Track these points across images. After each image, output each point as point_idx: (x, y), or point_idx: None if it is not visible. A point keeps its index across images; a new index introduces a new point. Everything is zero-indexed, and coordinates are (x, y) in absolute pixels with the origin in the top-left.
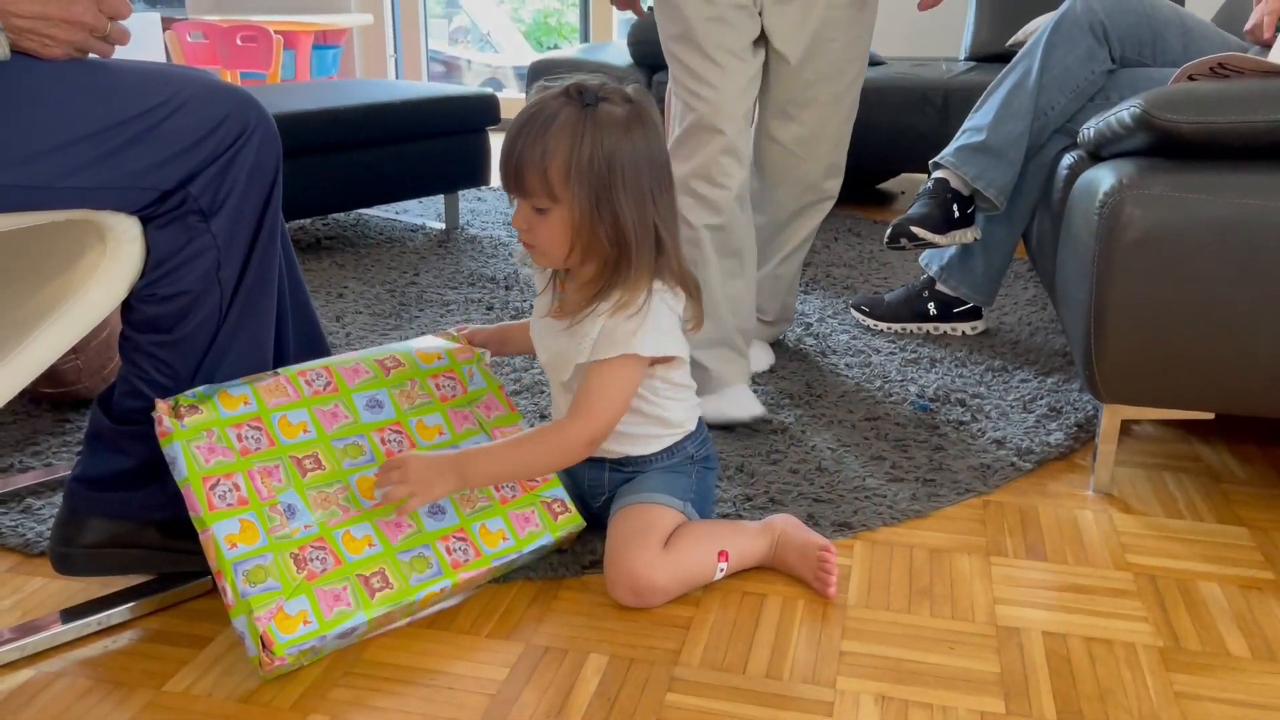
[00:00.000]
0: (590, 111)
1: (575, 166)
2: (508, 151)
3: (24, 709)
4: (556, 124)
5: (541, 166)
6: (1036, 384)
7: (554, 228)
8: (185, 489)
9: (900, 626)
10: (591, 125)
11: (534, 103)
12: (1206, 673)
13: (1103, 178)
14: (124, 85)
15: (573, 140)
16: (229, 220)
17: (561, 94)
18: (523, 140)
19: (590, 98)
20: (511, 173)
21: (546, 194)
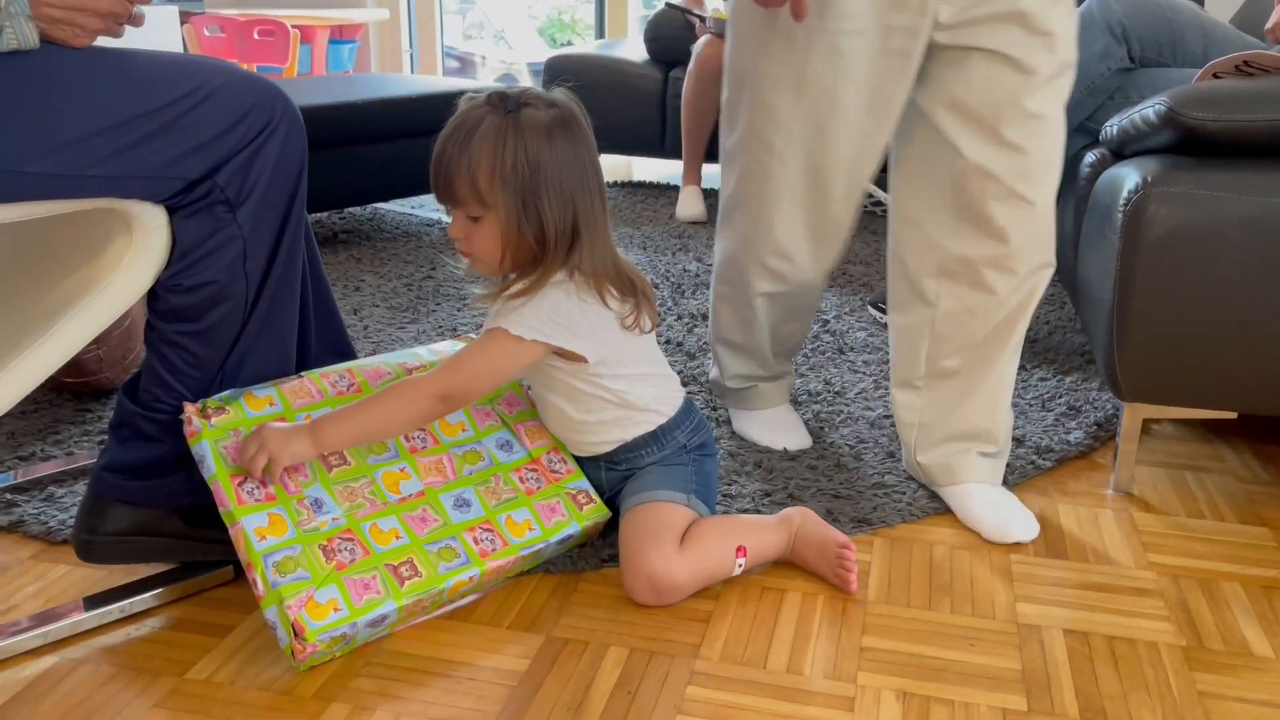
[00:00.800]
0: (513, 118)
1: (500, 172)
2: (436, 162)
3: (47, 695)
4: (480, 132)
5: (470, 175)
6: (1055, 382)
7: (487, 235)
8: (214, 485)
9: (921, 623)
10: (514, 131)
11: (459, 114)
12: (1230, 672)
13: (1127, 175)
14: (152, 75)
15: (496, 147)
16: (255, 210)
17: (484, 103)
18: (450, 150)
19: (512, 105)
20: (441, 183)
21: (477, 201)
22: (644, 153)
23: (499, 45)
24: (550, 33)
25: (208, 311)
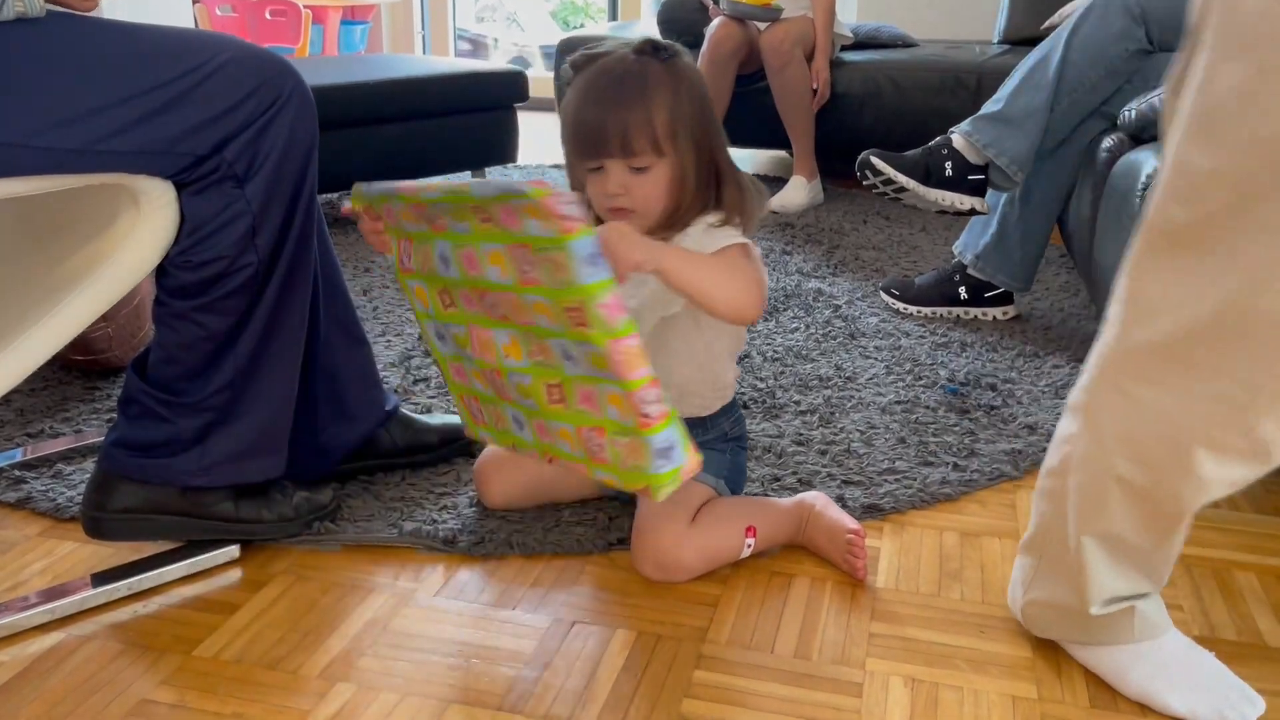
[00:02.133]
0: (672, 64)
1: (679, 118)
2: (601, 117)
3: (54, 671)
4: (651, 82)
5: (649, 124)
6: (1069, 370)
7: (656, 184)
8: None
9: (930, 609)
10: (679, 76)
11: (607, 67)
12: (1243, 662)
13: (1145, 161)
14: (159, 49)
15: (671, 94)
16: (264, 186)
17: (636, 53)
18: (622, 102)
19: (666, 53)
20: (615, 136)
21: (653, 150)
22: None
23: (511, 27)
24: (563, 15)
25: (216, 287)
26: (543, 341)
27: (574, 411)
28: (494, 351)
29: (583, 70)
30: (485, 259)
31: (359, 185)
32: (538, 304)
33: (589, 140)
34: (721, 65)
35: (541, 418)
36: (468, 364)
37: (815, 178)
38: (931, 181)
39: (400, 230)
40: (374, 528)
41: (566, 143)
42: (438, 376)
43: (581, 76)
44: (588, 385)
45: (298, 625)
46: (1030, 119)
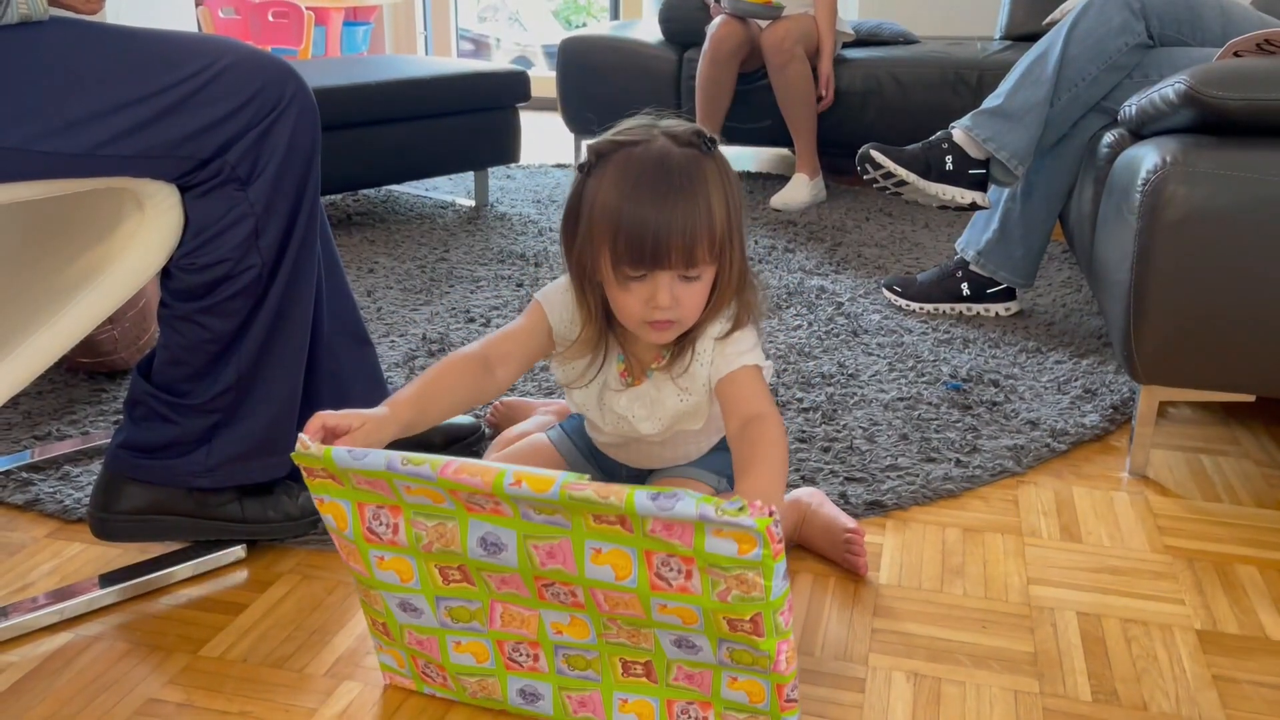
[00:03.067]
0: (717, 156)
1: (732, 220)
2: (663, 224)
3: (63, 671)
4: (704, 180)
5: (710, 231)
6: (1071, 365)
7: (701, 292)
8: None
9: (933, 605)
10: (725, 171)
11: (655, 160)
12: (1245, 656)
13: (1146, 155)
14: (162, 53)
15: (724, 193)
16: (267, 188)
17: (678, 143)
18: (682, 207)
19: (707, 144)
20: (679, 248)
21: (712, 258)
22: None
23: (513, 27)
24: (565, 15)
25: (220, 290)
26: (641, 630)
27: (666, 688)
28: (534, 627)
29: (611, 159)
30: (588, 556)
31: (339, 452)
32: (673, 609)
33: (647, 248)
34: (723, 64)
35: (595, 689)
36: (452, 634)
37: (817, 175)
38: (932, 176)
39: (371, 495)
40: None
41: (607, 244)
42: None
43: (617, 169)
44: (698, 670)
45: (304, 624)
46: (1030, 113)
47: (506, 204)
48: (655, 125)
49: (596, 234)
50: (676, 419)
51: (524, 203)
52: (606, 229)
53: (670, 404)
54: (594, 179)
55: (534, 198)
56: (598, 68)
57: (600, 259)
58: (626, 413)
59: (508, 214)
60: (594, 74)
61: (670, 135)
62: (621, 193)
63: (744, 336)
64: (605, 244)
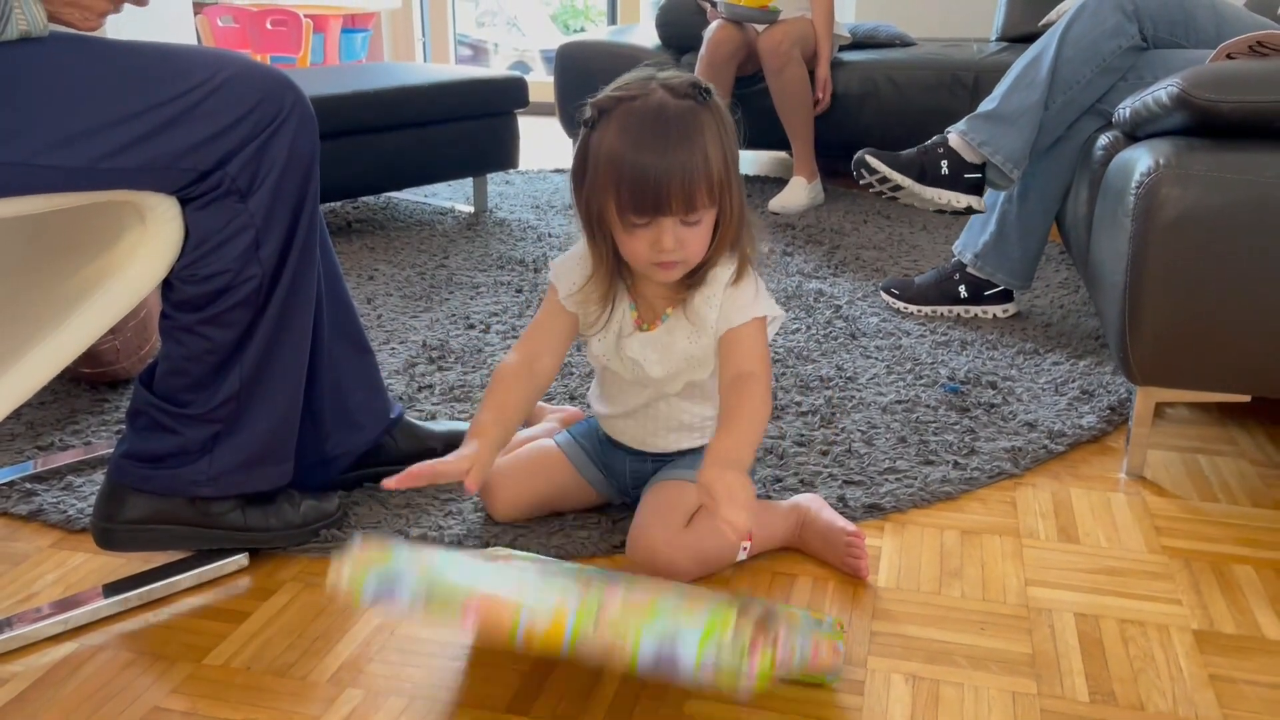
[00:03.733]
0: (714, 104)
1: (729, 166)
2: (663, 171)
3: (68, 681)
4: (701, 129)
5: (708, 176)
6: (1069, 367)
7: (706, 234)
8: None
9: (931, 608)
10: (721, 118)
11: (654, 111)
12: (1241, 655)
13: (1139, 157)
14: (161, 67)
15: (719, 141)
16: (267, 199)
17: (677, 95)
18: (680, 154)
19: (706, 93)
20: (679, 194)
21: (711, 202)
22: None
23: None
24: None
25: (221, 300)
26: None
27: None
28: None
29: (613, 113)
30: None
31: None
32: None
33: (649, 197)
34: (720, 68)
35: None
36: None
37: (815, 178)
38: (927, 180)
39: None
40: (381, 534)
41: (611, 194)
42: (441, 383)
43: (619, 123)
44: None
45: (306, 632)
46: (1024, 117)
47: (506, 210)
48: (653, 78)
49: (602, 185)
50: (686, 362)
51: (523, 208)
52: (611, 181)
53: (680, 347)
54: (597, 133)
55: (533, 203)
56: (595, 73)
57: (607, 208)
58: (639, 356)
59: (507, 220)
60: (592, 79)
61: (667, 87)
62: (623, 146)
63: (747, 285)
64: (610, 195)
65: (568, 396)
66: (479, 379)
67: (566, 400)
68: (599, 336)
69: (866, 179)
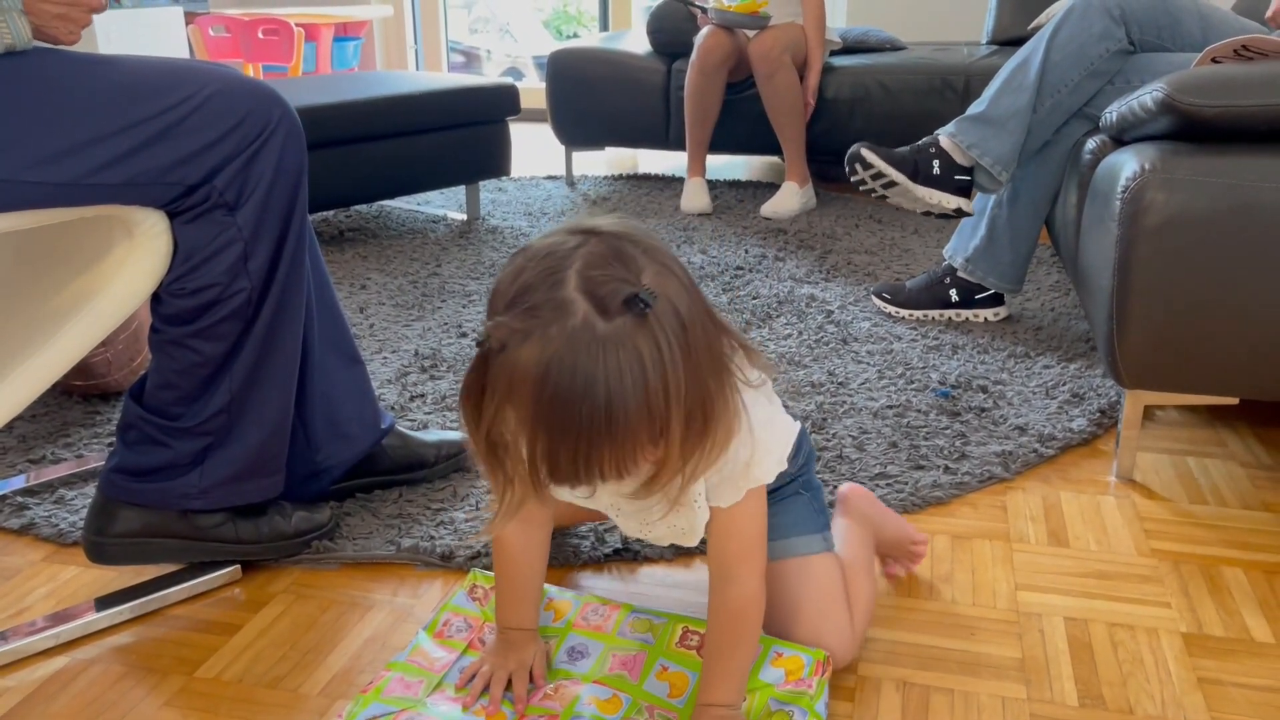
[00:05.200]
0: (650, 316)
1: (674, 400)
2: (593, 429)
3: (59, 695)
4: (642, 364)
5: (649, 425)
6: (1059, 370)
7: (643, 470)
8: None
9: (921, 613)
10: (664, 334)
11: (576, 334)
12: (1230, 658)
13: (1125, 162)
14: (147, 82)
15: (664, 372)
16: (255, 213)
17: (605, 314)
18: (612, 405)
19: (639, 305)
20: (615, 455)
21: (653, 447)
22: (648, 145)
23: (504, 39)
24: (556, 25)
25: (210, 313)
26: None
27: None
28: (566, 700)
29: (524, 346)
30: (654, 671)
31: None
32: None
33: (570, 473)
34: (711, 74)
35: None
36: None
37: (807, 183)
38: (920, 179)
39: None
40: (372, 545)
41: (524, 455)
42: (434, 393)
43: (533, 361)
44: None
45: (298, 644)
46: (1013, 120)
47: (498, 217)
48: (572, 268)
49: (515, 427)
50: (669, 531)
51: (515, 215)
52: (526, 434)
53: (657, 515)
54: (499, 365)
55: (525, 210)
56: (588, 80)
57: (527, 451)
58: (610, 509)
59: (499, 227)
60: (584, 86)
61: (594, 299)
62: (536, 401)
63: (741, 448)
64: (528, 445)
65: None
66: None
67: None
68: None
69: (860, 174)
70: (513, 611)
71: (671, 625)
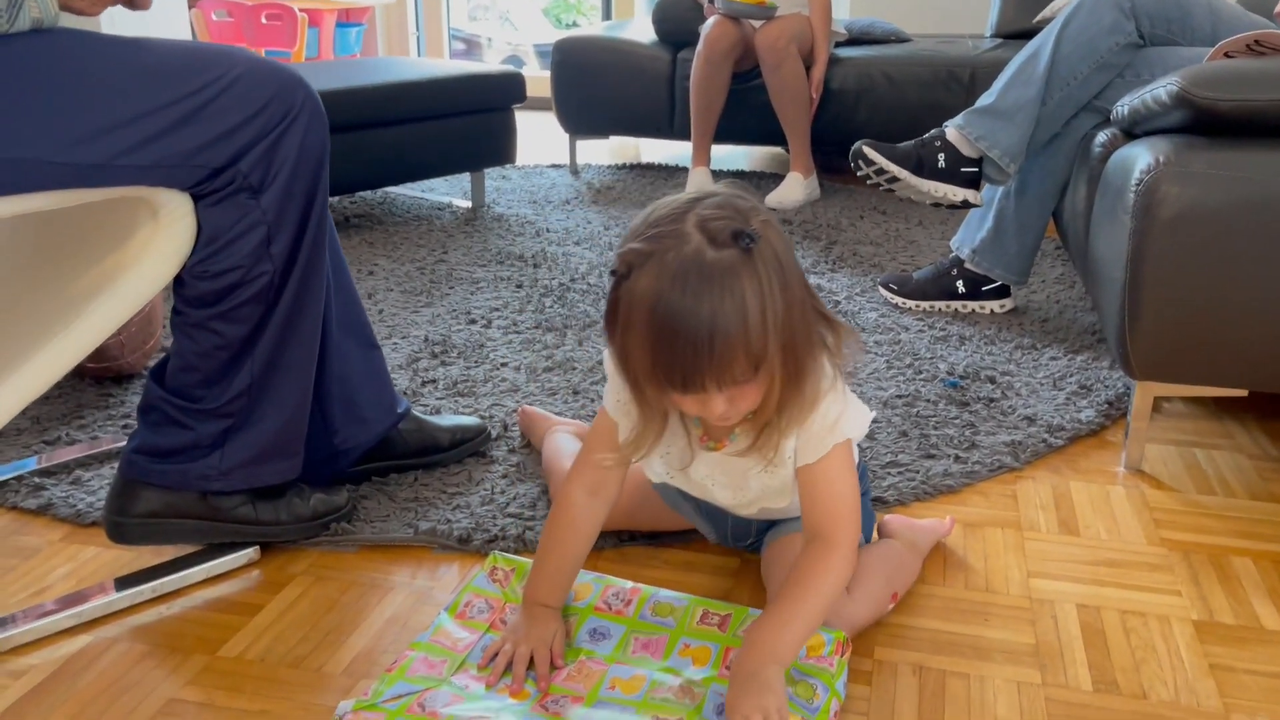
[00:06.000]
0: (754, 253)
1: (775, 326)
2: (692, 353)
3: (83, 673)
4: (739, 288)
5: (746, 345)
6: (1066, 361)
7: (752, 396)
8: None
9: (935, 599)
10: (766, 269)
11: (686, 268)
12: (1241, 645)
13: (1139, 155)
14: (174, 64)
15: (763, 301)
16: (279, 197)
17: (714, 243)
18: (714, 331)
19: (745, 240)
20: (711, 379)
21: (752, 369)
22: (652, 134)
23: (505, 27)
24: (555, 13)
25: (233, 296)
26: (694, 690)
27: None
28: (592, 683)
29: (644, 270)
30: (677, 650)
31: None
32: None
33: (678, 375)
34: (717, 64)
35: None
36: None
37: (812, 174)
38: (924, 173)
39: None
40: (390, 528)
41: (645, 365)
42: (445, 378)
43: (647, 283)
44: None
45: (319, 624)
46: (1021, 112)
47: (504, 205)
48: (692, 211)
49: (635, 349)
50: (762, 493)
51: (521, 203)
52: (643, 354)
53: (754, 475)
54: (625, 292)
55: (530, 198)
56: (593, 68)
57: (645, 368)
58: (705, 479)
59: (505, 215)
60: (589, 75)
61: (706, 232)
62: (650, 315)
63: (830, 405)
64: (645, 361)
65: (570, 392)
66: (482, 374)
67: (569, 395)
68: (660, 455)
69: (864, 170)
70: (546, 586)
71: (692, 607)
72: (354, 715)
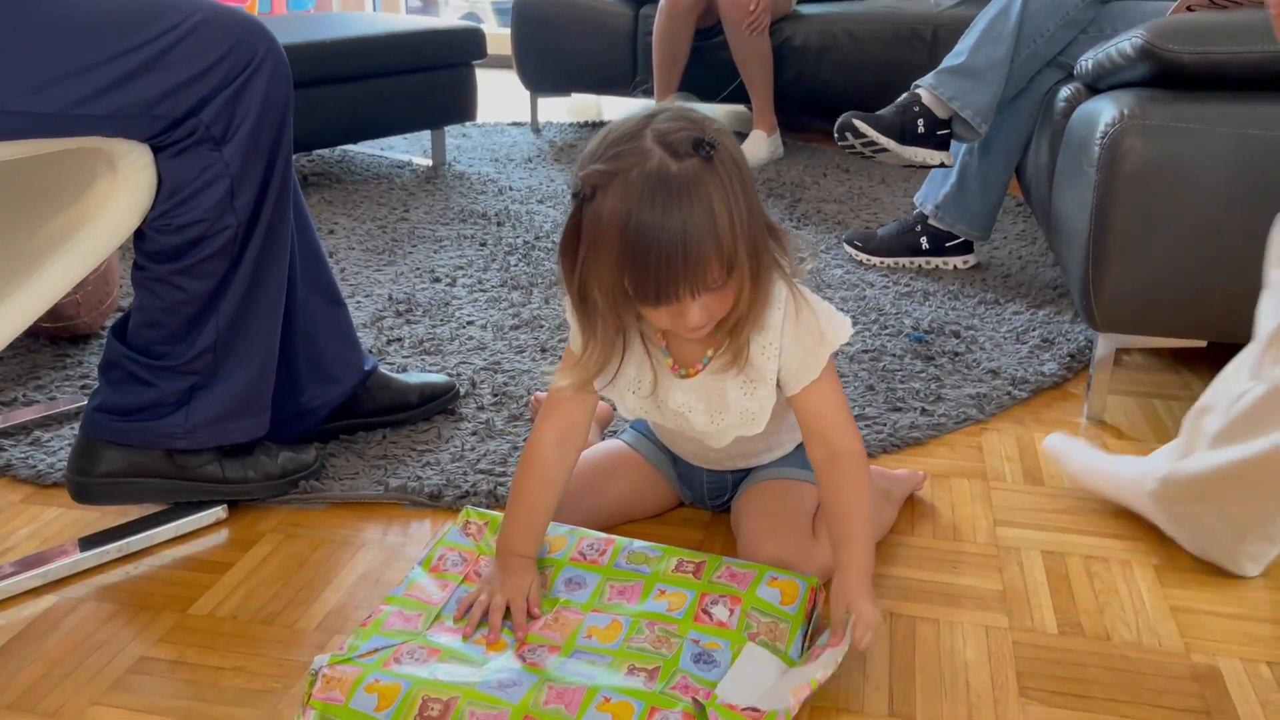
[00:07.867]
0: (720, 160)
1: (741, 229)
2: (666, 264)
3: (50, 633)
4: (706, 195)
5: (719, 257)
6: (1029, 316)
7: (728, 295)
8: None
9: (905, 548)
10: (729, 174)
11: (652, 181)
12: (1199, 588)
13: (1103, 109)
14: (132, 12)
15: (729, 206)
16: (242, 148)
17: (676, 155)
18: (686, 241)
19: (706, 148)
20: (686, 287)
21: (725, 272)
22: (615, 92)
23: None
24: None
25: (196, 250)
26: (671, 640)
27: (661, 695)
28: (568, 632)
29: (608, 190)
30: (653, 595)
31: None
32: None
33: (652, 287)
34: (680, 20)
35: (580, 685)
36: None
37: (775, 132)
38: (906, 139)
39: None
40: (359, 485)
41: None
42: (410, 336)
43: (613, 200)
44: (701, 685)
45: (290, 581)
46: (992, 70)
47: (465, 163)
48: (649, 127)
49: (602, 268)
50: (740, 416)
51: (482, 161)
52: (612, 271)
53: (733, 398)
54: (590, 211)
55: (491, 156)
56: (553, 25)
57: (612, 287)
58: (682, 407)
59: (466, 173)
60: (550, 31)
61: (665, 145)
62: (621, 233)
63: (809, 321)
64: (613, 279)
65: (539, 349)
66: (448, 331)
67: (537, 352)
68: (632, 390)
69: (849, 141)
70: (519, 535)
71: (666, 556)
72: (330, 669)
